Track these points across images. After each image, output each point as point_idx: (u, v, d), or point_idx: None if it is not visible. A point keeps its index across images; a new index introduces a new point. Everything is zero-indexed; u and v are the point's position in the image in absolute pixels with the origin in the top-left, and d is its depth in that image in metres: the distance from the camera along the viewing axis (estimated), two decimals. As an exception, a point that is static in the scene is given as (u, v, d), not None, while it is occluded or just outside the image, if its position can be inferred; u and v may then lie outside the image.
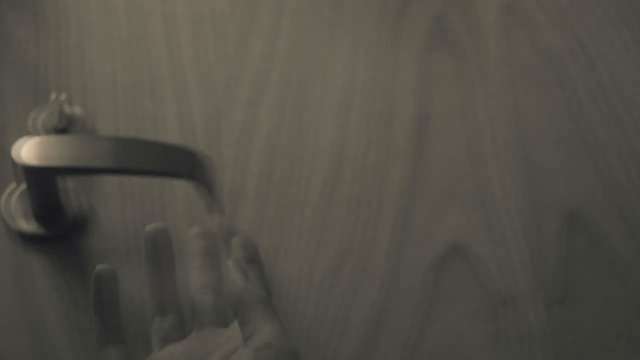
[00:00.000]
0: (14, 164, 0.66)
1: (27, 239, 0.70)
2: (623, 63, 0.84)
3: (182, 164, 0.67)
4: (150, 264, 0.64)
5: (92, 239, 0.71)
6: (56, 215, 0.71)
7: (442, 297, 0.70)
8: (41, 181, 0.67)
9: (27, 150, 0.66)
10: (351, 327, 0.68)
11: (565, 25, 0.87)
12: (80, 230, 0.71)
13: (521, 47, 0.85)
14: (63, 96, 0.74)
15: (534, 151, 0.78)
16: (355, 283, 0.70)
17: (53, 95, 0.75)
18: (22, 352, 0.65)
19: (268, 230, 0.72)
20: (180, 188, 0.74)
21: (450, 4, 0.88)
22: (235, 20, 0.85)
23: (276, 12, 0.86)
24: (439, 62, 0.84)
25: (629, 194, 0.76)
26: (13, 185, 0.72)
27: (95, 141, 0.67)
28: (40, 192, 0.68)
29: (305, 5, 0.86)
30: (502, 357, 0.67)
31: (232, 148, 0.77)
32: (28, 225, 0.70)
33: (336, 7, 0.87)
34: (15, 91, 0.78)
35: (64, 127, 0.75)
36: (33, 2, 0.84)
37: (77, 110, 0.76)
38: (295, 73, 0.82)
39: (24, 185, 0.72)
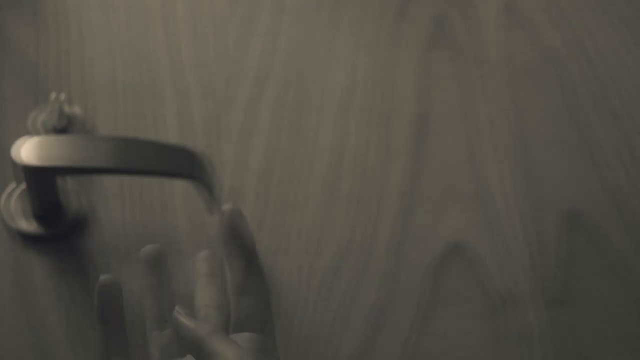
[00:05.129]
0: (14, 164, 0.66)
1: (27, 239, 0.70)
2: (623, 63, 0.84)
3: (182, 164, 0.67)
4: (146, 278, 0.64)
5: (92, 239, 0.71)
6: (56, 215, 0.71)
7: (442, 297, 0.70)
8: (41, 181, 0.67)
9: (27, 150, 0.66)
10: (351, 327, 0.68)
11: (565, 25, 0.87)
12: (80, 230, 0.71)
13: (521, 47, 0.85)
14: (63, 96, 0.74)
15: (534, 151, 0.78)
16: (355, 283, 0.70)
17: (53, 95, 0.75)
18: (22, 352, 0.65)
19: (268, 230, 0.72)
20: (180, 188, 0.74)
21: (450, 4, 0.87)
22: (235, 20, 0.85)
23: (276, 12, 0.86)
24: (439, 62, 0.83)
25: (629, 194, 0.76)
26: (13, 185, 0.72)
27: (95, 141, 0.67)
28: (40, 192, 0.68)
29: (305, 5, 0.86)
30: (502, 357, 0.67)
31: (232, 148, 0.77)
32: (28, 225, 0.70)
33: (336, 7, 0.87)
34: (15, 91, 0.78)
35: (64, 127, 0.75)
36: (33, 2, 0.84)
37: (77, 110, 0.76)
38: (295, 73, 0.82)
39: (24, 185, 0.72)
